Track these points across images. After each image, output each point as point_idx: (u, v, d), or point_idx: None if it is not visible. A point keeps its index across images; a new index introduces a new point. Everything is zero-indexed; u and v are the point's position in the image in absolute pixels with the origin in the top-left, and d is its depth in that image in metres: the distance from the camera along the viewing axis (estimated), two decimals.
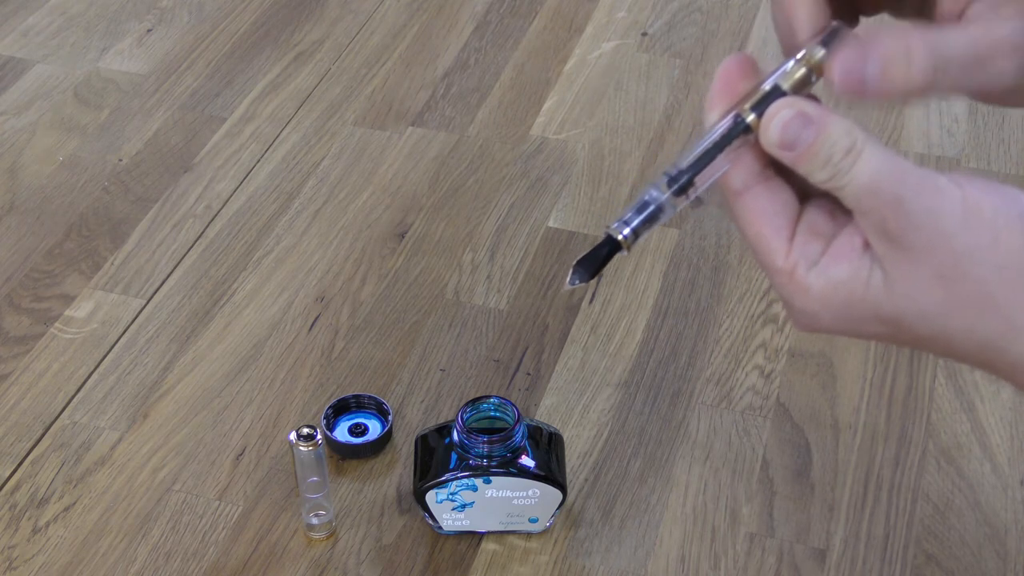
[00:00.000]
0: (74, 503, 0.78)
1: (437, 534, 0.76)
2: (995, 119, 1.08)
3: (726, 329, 0.89)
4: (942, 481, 0.79)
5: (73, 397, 0.84)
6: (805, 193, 0.48)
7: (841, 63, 0.44)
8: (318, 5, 1.24)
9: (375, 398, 0.82)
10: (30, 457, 0.81)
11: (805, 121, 0.45)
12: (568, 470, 0.77)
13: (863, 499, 0.78)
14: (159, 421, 0.83)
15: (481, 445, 0.71)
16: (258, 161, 1.04)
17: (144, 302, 0.91)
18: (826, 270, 0.46)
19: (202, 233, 0.97)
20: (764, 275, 0.92)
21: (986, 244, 0.43)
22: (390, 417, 0.81)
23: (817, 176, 0.45)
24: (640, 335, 0.88)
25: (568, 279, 0.50)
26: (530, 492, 0.73)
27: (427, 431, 0.75)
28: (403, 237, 0.97)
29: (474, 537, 0.76)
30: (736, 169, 0.47)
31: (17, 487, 0.79)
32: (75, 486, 0.79)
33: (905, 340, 0.47)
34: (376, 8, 1.23)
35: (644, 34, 1.19)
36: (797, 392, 0.84)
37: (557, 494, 0.73)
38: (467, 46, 1.18)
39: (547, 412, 0.83)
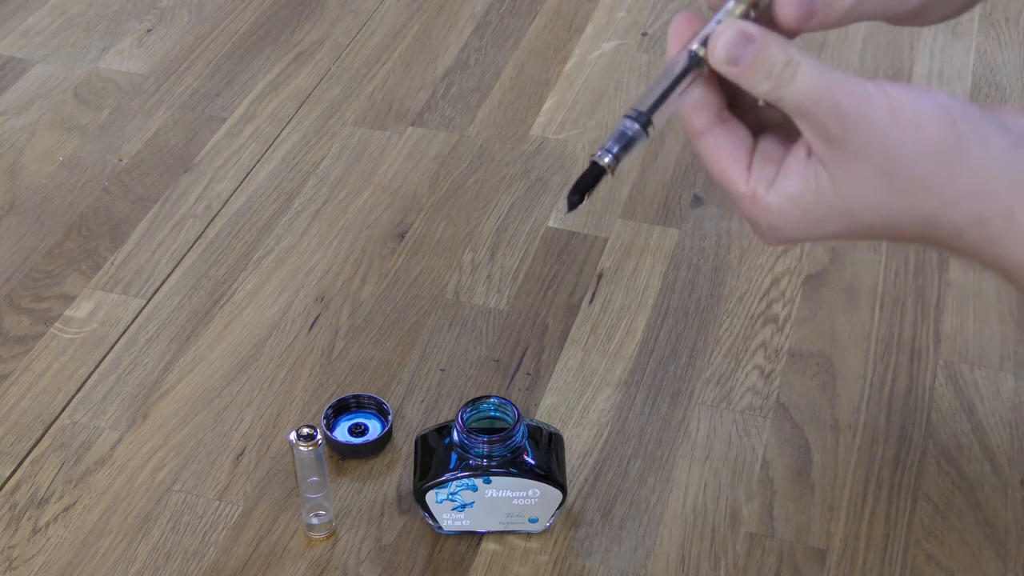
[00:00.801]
0: (74, 503, 0.78)
1: (437, 534, 0.76)
2: None
3: (726, 329, 0.89)
4: (942, 481, 0.79)
5: (73, 397, 0.84)
6: (759, 129, 0.55)
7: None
8: (318, 5, 1.24)
9: (375, 398, 0.82)
10: (30, 457, 0.81)
11: (746, 39, 0.51)
12: (568, 470, 0.77)
13: (863, 499, 0.78)
14: (159, 421, 0.83)
15: (481, 445, 0.71)
16: (258, 161, 1.04)
17: (144, 302, 0.91)
18: (781, 187, 0.53)
19: (202, 233, 0.97)
20: (764, 275, 0.93)
21: (911, 137, 0.50)
22: (390, 417, 0.81)
23: (761, 87, 0.51)
24: (640, 335, 0.88)
25: (567, 209, 0.57)
26: (530, 492, 0.73)
27: (427, 431, 0.75)
28: (403, 237, 0.97)
29: (474, 537, 0.76)
30: (696, 113, 0.54)
31: (17, 487, 0.79)
32: (75, 486, 0.79)
33: (859, 232, 0.53)
34: (376, 8, 1.23)
35: (644, 34, 1.19)
36: (797, 392, 0.84)
37: (557, 494, 0.73)
38: (467, 46, 1.18)
39: (547, 412, 0.83)
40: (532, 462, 0.72)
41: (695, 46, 0.53)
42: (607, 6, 1.23)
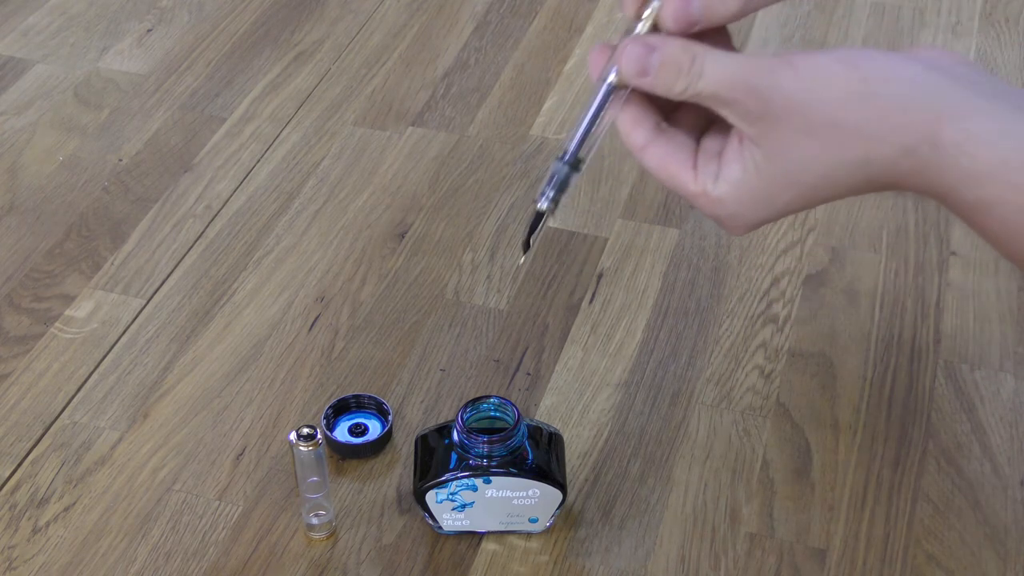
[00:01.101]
0: (74, 503, 0.78)
1: (437, 534, 0.76)
2: None
3: (726, 329, 0.89)
4: (942, 481, 0.79)
5: (73, 397, 0.84)
6: (704, 130, 0.58)
7: (672, 10, 0.54)
8: (318, 5, 1.24)
9: (375, 398, 0.82)
10: (30, 457, 0.81)
11: (649, 49, 0.54)
12: (568, 470, 0.77)
13: (863, 499, 0.78)
14: (159, 421, 0.83)
15: (481, 445, 0.71)
16: (258, 161, 1.04)
17: (144, 302, 0.91)
18: (725, 177, 0.56)
19: (202, 233, 0.97)
20: (764, 275, 0.93)
21: (820, 91, 0.53)
22: (390, 417, 0.81)
23: (676, 89, 0.54)
24: (640, 335, 0.88)
25: (521, 254, 0.61)
26: (530, 492, 0.73)
27: (427, 431, 0.75)
28: (403, 237, 0.97)
29: (474, 537, 0.76)
30: (634, 131, 0.57)
31: (17, 487, 0.79)
32: (75, 486, 0.79)
33: (810, 196, 0.55)
34: (376, 8, 1.23)
35: None
36: (797, 392, 0.84)
37: (557, 494, 0.73)
38: (467, 46, 1.18)
39: (547, 412, 0.83)
40: (532, 462, 0.72)
41: (610, 76, 0.56)
42: (607, 6, 1.23)
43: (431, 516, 0.74)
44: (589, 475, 0.79)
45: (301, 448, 0.71)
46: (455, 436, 0.72)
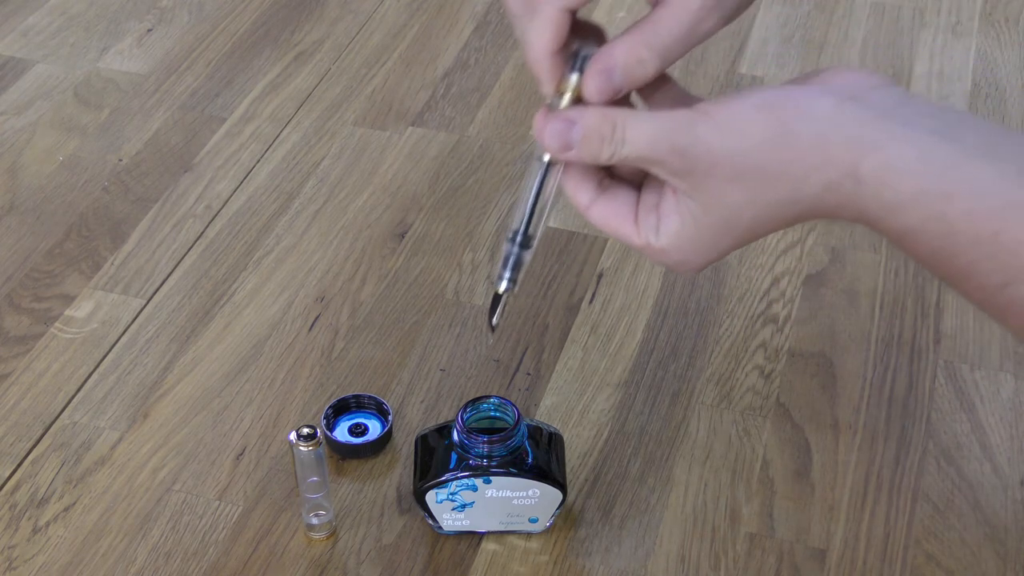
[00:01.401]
0: (74, 503, 0.78)
1: (437, 534, 0.76)
2: (995, 119, 1.08)
3: (726, 329, 0.89)
4: (942, 481, 0.79)
5: (73, 397, 0.84)
6: (640, 182, 0.60)
7: (594, 83, 0.55)
8: (318, 5, 1.24)
9: (375, 398, 0.82)
10: (30, 457, 0.81)
11: (568, 123, 0.56)
12: (568, 470, 0.77)
13: (863, 499, 0.78)
14: (159, 421, 0.83)
15: (481, 445, 0.71)
16: (258, 161, 1.04)
17: (144, 302, 0.91)
18: (665, 230, 0.57)
19: (202, 233, 0.97)
20: (764, 275, 0.93)
21: (741, 140, 0.54)
22: (390, 417, 0.81)
23: (603, 157, 0.56)
24: (640, 335, 0.88)
25: (490, 335, 0.64)
26: (530, 492, 0.73)
27: (427, 431, 0.75)
28: (403, 237, 0.97)
29: (474, 537, 0.76)
30: (578, 193, 0.59)
31: (17, 487, 0.79)
32: (75, 486, 0.79)
33: (750, 235, 0.57)
34: (376, 8, 1.23)
35: None
36: (797, 392, 0.84)
37: (557, 494, 0.73)
38: (467, 46, 1.18)
39: (547, 412, 0.83)
40: (532, 462, 0.72)
41: (544, 154, 0.58)
42: (607, 6, 1.23)
43: (431, 516, 0.74)
44: (589, 475, 0.79)
45: (301, 448, 0.71)
46: (455, 436, 0.72)
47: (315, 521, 0.75)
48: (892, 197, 0.53)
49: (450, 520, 0.74)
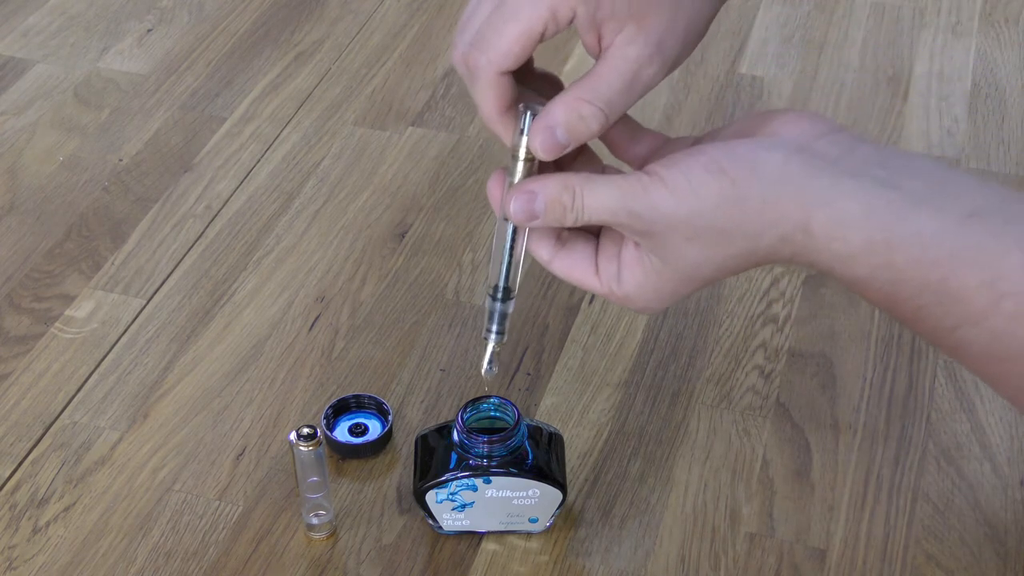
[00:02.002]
0: (74, 503, 0.78)
1: (437, 534, 0.76)
2: (995, 119, 1.08)
3: (726, 329, 0.89)
4: (942, 481, 0.79)
5: (73, 397, 0.84)
6: (598, 232, 0.62)
7: (538, 142, 0.58)
8: (318, 5, 1.24)
9: (375, 398, 0.82)
10: (30, 457, 0.81)
11: (530, 196, 0.59)
12: (568, 470, 0.77)
13: (863, 499, 0.78)
14: (159, 421, 0.83)
15: (481, 445, 0.71)
16: (258, 161, 1.04)
17: (144, 302, 0.91)
18: (627, 280, 0.60)
19: (202, 233, 0.97)
20: (765, 275, 0.93)
21: (695, 203, 0.56)
22: (390, 417, 0.81)
23: (567, 222, 0.59)
24: (640, 335, 0.88)
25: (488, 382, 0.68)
26: (530, 492, 0.73)
27: (427, 431, 0.75)
28: (403, 237, 0.97)
29: (474, 537, 0.76)
30: (539, 249, 0.62)
31: (17, 487, 0.79)
32: (75, 486, 0.79)
33: (711, 282, 0.60)
34: (376, 8, 1.23)
35: None
36: (797, 392, 0.84)
37: (557, 494, 0.73)
38: None
39: (547, 412, 0.83)
40: (532, 462, 0.72)
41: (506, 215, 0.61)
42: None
43: (431, 516, 0.74)
44: (589, 475, 0.79)
45: (301, 448, 0.71)
46: (455, 436, 0.72)
47: (315, 521, 0.75)
48: (842, 248, 0.55)
49: (450, 520, 0.74)
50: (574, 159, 0.63)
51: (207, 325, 0.89)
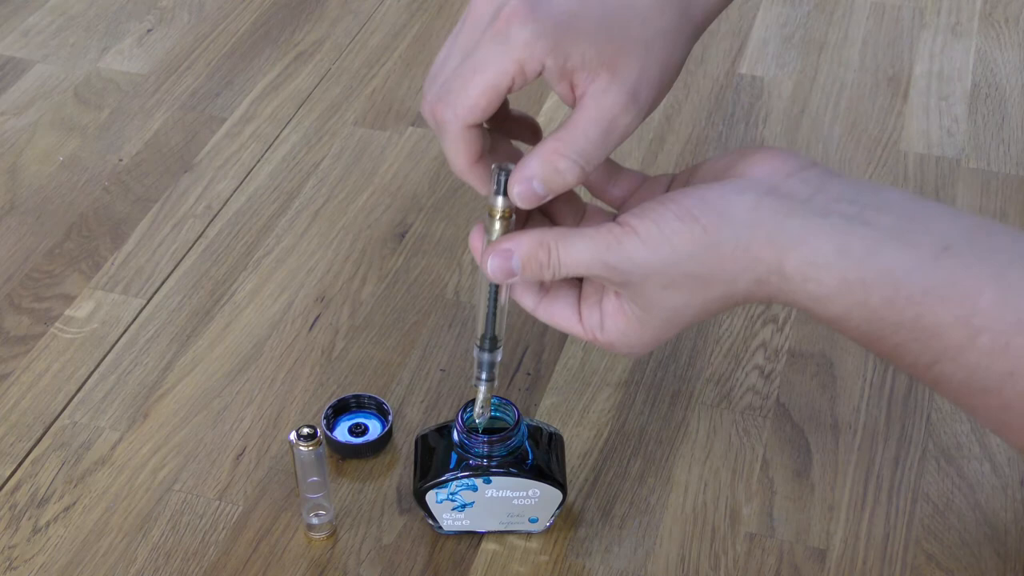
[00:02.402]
0: (74, 503, 0.78)
1: (437, 534, 0.76)
2: (995, 119, 1.09)
3: (726, 329, 0.89)
4: (942, 481, 0.79)
5: (73, 397, 0.84)
6: (580, 278, 0.63)
7: (516, 192, 0.58)
8: (318, 5, 1.24)
9: (375, 398, 0.82)
10: (30, 457, 0.81)
11: (506, 255, 0.59)
12: (568, 470, 0.77)
13: (863, 499, 0.78)
14: (159, 421, 0.83)
15: (481, 445, 0.71)
16: (258, 161, 1.04)
17: (144, 302, 0.91)
18: (610, 328, 0.61)
19: (202, 233, 0.97)
20: None
21: (670, 252, 0.57)
22: (390, 417, 0.81)
23: (545, 278, 0.59)
24: None
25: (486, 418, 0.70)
26: (530, 492, 0.73)
27: (427, 431, 0.75)
28: (403, 237, 0.97)
29: (474, 537, 0.76)
30: (523, 297, 0.63)
31: (17, 487, 0.79)
32: (75, 486, 0.79)
33: (693, 324, 0.61)
34: (376, 8, 1.23)
35: None
36: (797, 392, 0.84)
37: (557, 494, 0.73)
38: None
39: (547, 412, 0.83)
40: (532, 462, 0.72)
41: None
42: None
43: (431, 516, 0.74)
44: (589, 475, 0.79)
45: (301, 448, 0.71)
46: (455, 436, 0.72)
47: (315, 521, 0.75)
48: (816, 289, 0.56)
49: (450, 520, 0.74)
50: (556, 200, 0.63)
51: (207, 325, 0.89)
